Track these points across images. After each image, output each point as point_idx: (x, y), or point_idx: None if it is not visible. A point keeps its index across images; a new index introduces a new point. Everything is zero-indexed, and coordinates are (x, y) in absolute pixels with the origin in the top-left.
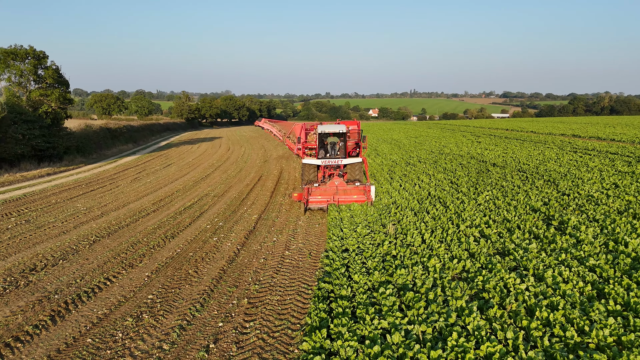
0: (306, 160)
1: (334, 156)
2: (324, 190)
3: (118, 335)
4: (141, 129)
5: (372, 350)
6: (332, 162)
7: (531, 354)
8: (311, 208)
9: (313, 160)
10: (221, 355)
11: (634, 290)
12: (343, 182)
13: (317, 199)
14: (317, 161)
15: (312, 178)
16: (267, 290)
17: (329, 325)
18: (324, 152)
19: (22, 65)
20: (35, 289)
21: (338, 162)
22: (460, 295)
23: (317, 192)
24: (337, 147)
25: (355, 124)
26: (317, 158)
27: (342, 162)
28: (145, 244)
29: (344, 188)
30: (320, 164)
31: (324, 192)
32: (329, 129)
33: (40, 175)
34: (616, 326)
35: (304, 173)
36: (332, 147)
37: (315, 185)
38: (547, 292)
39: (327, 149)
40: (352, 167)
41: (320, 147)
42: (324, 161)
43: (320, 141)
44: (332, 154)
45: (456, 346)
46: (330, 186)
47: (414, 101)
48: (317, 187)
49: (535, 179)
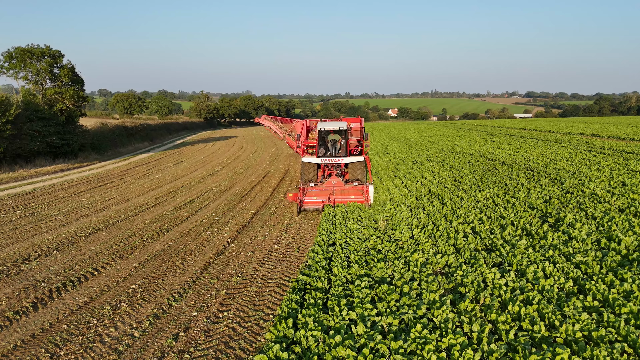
0: (305, 158)
1: (334, 155)
2: (320, 190)
3: (93, 322)
4: (158, 128)
5: (333, 340)
6: (333, 160)
7: (493, 346)
8: (306, 209)
9: (313, 158)
10: (188, 343)
11: (616, 287)
12: (341, 182)
13: (313, 199)
14: (317, 160)
15: (311, 178)
16: (248, 282)
17: (297, 315)
18: (325, 151)
19: (38, 64)
20: (24, 278)
21: (339, 161)
22: (435, 289)
23: (313, 192)
24: (338, 145)
25: (357, 121)
26: (317, 156)
27: (343, 161)
28: (139, 236)
29: (341, 188)
30: (320, 162)
31: (320, 192)
32: (329, 126)
33: (54, 171)
34: (589, 322)
35: (303, 172)
36: (332, 145)
37: (311, 185)
38: (526, 287)
39: (328, 147)
40: (354, 166)
41: (320, 145)
42: (324, 160)
43: (320, 139)
44: (333, 152)
45: (418, 337)
46: (327, 186)
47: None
48: (313, 187)
49: (541, 177)
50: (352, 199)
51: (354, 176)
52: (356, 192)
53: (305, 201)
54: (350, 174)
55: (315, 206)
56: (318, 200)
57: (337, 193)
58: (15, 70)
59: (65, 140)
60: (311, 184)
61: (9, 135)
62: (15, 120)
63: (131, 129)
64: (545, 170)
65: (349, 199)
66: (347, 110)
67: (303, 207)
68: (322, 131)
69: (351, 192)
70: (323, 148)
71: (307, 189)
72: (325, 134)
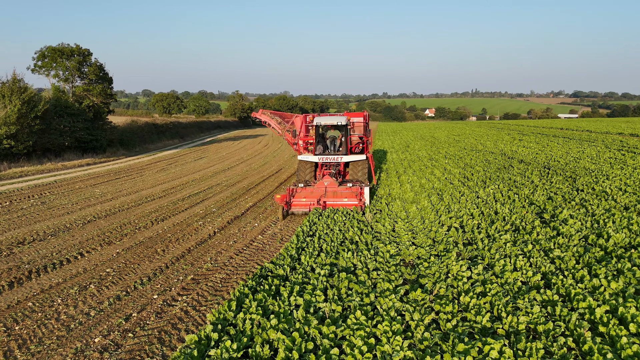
0: (302, 157)
1: (333, 152)
2: (311, 191)
3: (57, 301)
4: (189, 126)
5: (268, 323)
6: (331, 159)
7: (427, 335)
8: (294, 212)
9: (310, 156)
10: (136, 323)
11: (584, 282)
12: (334, 183)
13: (302, 201)
14: (314, 158)
15: (308, 178)
16: (218, 269)
17: (245, 300)
18: (323, 148)
19: (68, 62)
20: (12, 259)
21: (337, 159)
22: (394, 279)
23: (303, 193)
24: (338, 142)
25: (360, 116)
26: (314, 154)
27: (342, 159)
28: (134, 225)
29: (334, 189)
30: (318, 161)
31: (310, 193)
32: (326, 121)
33: (80, 165)
34: (539, 315)
35: (299, 172)
36: (332, 142)
37: (301, 185)
38: (490, 279)
39: (327, 144)
40: (355, 165)
41: (317, 142)
42: (322, 158)
43: (317, 135)
44: (332, 150)
45: (354, 324)
46: (319, 187)
47: (474, 101)
48: (302, 188)
49: (555, 175)
50: (345, 202)
51: (354, 177)
52: (350, 194)
53: (294, 203)
54: (351, 173)
55: (303, 209)
56: (307, 202)
57: (329, 195)
58: (46, 68)
59: (93, 135)
60: (300, 185)
61: (38, 130)
62: (43, 115)
63: (161, 127)
64: (562, 168)
65: (342, 202)
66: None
67: (291, 210)
68: (319, 127)
69: (345, 195)
70: (321, 145)
71: (297, 190)
72: (324, 129)
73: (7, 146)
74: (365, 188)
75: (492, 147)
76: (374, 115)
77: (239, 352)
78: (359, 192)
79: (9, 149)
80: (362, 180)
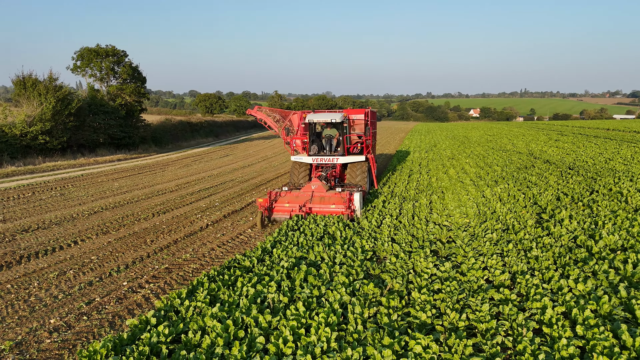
0: (295, 157)
1: (329, 153)
2: (296, 196)
3: (33, 284)
4: (225, 125)
5: (209, 310)
6: (326, 160)
7: (360, 328)
8: (276, 219)
9: (303, 157)
10: (95, 307)
11: (551, 283)
12: (322, 187)
13: (284, 207)
14: (307, 159)
15: (303, 181)
16: (195, 259)
17: (199, 288)
18: (317, 148)
19: (103, 62)
20: (11, 245)
21: (333, 160)
22: (355, 273)
23: (286, 198)
24: (334, 141)
25: (361, 113)
26: (308, 155)
27: (338, 161)
28: (135, 217)
29: (321, 194)
30: (312, 162)
31: (295, 198)
32: (319, 118)
33: (111, 160)
34: (485, 313)
35: (292, 174)
36: (327, 141)
37: (285, 189)
38: (454, 277)
39: (323, 144)
40: (353, 168)
41: (312, 141)
42: (315, 159)
43: (311, 134)
44: (328, 150)
45: (292, 314)
46: (305, 191)
47: (523, 101)
48: (287, 192)
49: (575, 176)
50: (331, 209)
51: (352, 180)
52: (339, 200)
53: (277, 209)
54: (349, 177)
55: (285, 215)
56: (289, 208)
57: (315, 200)
58: (82, 68)
59: (126, 132)
60: (284, 188)
61: (72, 126)
62: (77, 113)
63: (195, 125)
64: (587, 169)
65: (329, 208)
66: (424, 110)
67: (273, 216)
68: (312, 124)
69: (332, 200)
70: (316, 145)
71: (281, 193)
72: (321, 128)
73: (42, 141)
74: (355, 194)
75: (522, 147)
76: (416, 115)
77: (170, 336)
78: (348, 197)
79: (44, 144)
80: (361, 184)
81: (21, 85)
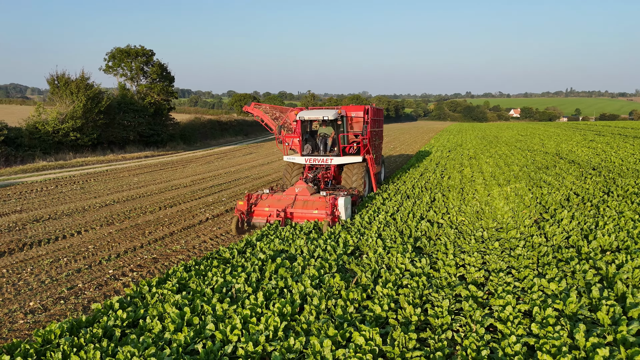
0: (288, 157)
1: (323, 153)
2: (278, 199)
3: (26, 270)
4: (255, 124)
5: (173, 298)
6: (319, 161)
7: (311, 319)
8: (256, 224)
9: (296, 158)
10: (75, 292)
11: (523, 282)
12: (306, 190)
13: (264, 211)
14: (300, 159)
15: (294, 182)
16: (185, 251)
17: (171, 276)
18: (311, 148)
19: (133, 62)
20: (19, 233)
21: (327, 161)
22: (327, 266)
23: (267, 201)
24: (329, 141)
25: (360, 110)
26: (300, 155)
27: (332, 161)
28: (142, 210)
29: (305, 198)
30: (305, 163)
31: (277, 202)
32: (310, 115)
33: (138, 157)
34: (444, 309)
35: (285, 176)
36: (322, 140)
37: (266, 191)
38: (427, 273)
39: (317, 143)
40: (349, 170)
41: (305, 140)
42: (308, 159)
43: (304, 132)
44: (323, 149)
45: (252, 304)
46: (289, 194)
47: (568, 101)
48: (269, 195)
49: (595, 176)
50: (314, 214)
51: (348, 183)
52: (322, 204)
53: (256, 213)
54: (344, 180)
55: (264, 221)
56: (268, 212)
57: (297, 204)
58: (114, 68)
59: (154, 130)
60: (266, 191)
61: (102, 124)
62: (107, 110)
63: (225, 124)
64: (611, 169)
65: (311, 213)
66: (462, 110)
67: (252, 221)
68: (304, 122)
69: (316, 205)
70: (310, 145)
71: (262, 196)
72: (309, 125)
73: (73, 138)
74: (340, 199)
75: (552, 147)
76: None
77: (127, 320)
78: (331, 202)
79: (75, 140)
80: (357, 187)
81: (54, 85)
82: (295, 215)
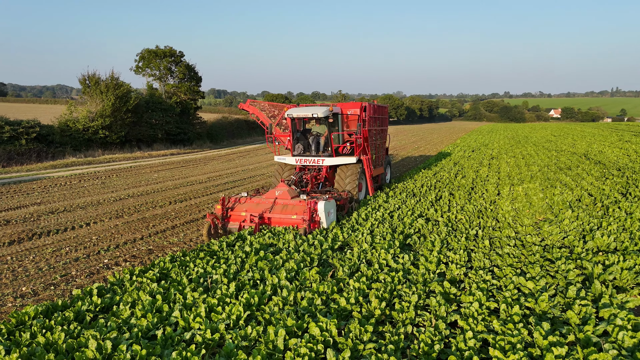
0: (278, 158)
1: (314, 153)
2: (257, 203)
3: (29, 257)
4: None
5: (149, 287)
6: (311, 161)
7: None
8: (231, 230)
9: (287, 158)
10: (67, 280)
11: (501, 280)
12: (287, 193)
13: (241, 216)
14: (290, 159)
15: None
16: (180, 243)
17: (155, 266)
18: (302, 148)
19: (161, 63)
20: (32, 224)
21: (318, 162)
22: (309, 260)
23: (245, 205)
24: (322, 140)
25: (356, 107)
26: (291, 155)
27: (324, 162)
28: (152, 204)
29: (285, 202)
30: (295, 163)
31: (255, 206)
32: (299, 113)
33: (164, 154)
34: (412, 304)
35: (276, 176)
36: (314, 140)
37: (244, 195)
38: (407, 269)
39: (309, 143)
40: (342, 171)
41: (296, 139)
42: (299, 160)
43: (295, 131)
44: (315, 149)
45: (223, 293)
46: (268, 197)
47: (613, 101)
48: (247, 198)
49: (617, 178)
50: (292, 220)
51: (340, 186)
52: (302, 209)
53: (233, 217)
54: (337, 182)
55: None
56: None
57: (276, 209)
58: (143, 68)
59: (181, 129)
60: (244, 194)
61: (130, 122)
62: (135, 109)
63: (252, 123)
64: (635, 171)
65: (289, 218)
66: (499, 110)
67: (228, 227)
68: (294, 119)
69: (296, 209)
70: (301, 144)
71: (240, 200)
72: (301, 123)
73: (102, 135)
74: (320, 203)
75: (582, 147)
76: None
77: (100, 306)
78: (310, 207)
79: (104, 138)
80: (350, 190)
81: (86, 84)
82: (273, 220)
